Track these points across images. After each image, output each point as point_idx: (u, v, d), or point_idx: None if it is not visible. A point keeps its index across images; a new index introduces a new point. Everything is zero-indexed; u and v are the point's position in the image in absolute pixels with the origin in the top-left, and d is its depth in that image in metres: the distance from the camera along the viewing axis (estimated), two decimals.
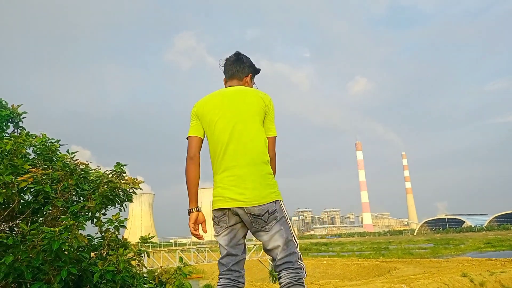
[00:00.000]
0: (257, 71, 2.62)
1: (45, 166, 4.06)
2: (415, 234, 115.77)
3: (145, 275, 3.74)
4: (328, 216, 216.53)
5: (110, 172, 4.17)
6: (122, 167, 4.16)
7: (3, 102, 4.73)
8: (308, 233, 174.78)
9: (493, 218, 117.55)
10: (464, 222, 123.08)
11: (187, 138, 2.34)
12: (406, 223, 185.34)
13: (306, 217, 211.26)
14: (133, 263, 3.73)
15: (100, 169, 4.39)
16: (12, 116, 4.71)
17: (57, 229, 2.90)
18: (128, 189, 4.00)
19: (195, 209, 2.28)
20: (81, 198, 4.15)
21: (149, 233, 3.84)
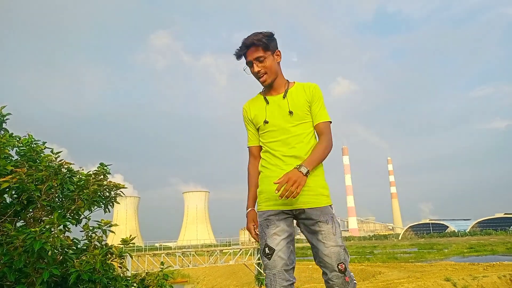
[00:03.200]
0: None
1: (28, 167, 4.00)
2: (399, 238, 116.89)
3: (128, 278, 3.72)
4: None
5: (93, 172, 4.11)
6: (105, 167, 4.11)
7: None
8: (296, 237, 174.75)
9: (476, 223, 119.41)
10: (448, 227, 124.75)
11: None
12: (391, 228, 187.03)
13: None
14: (115, 265, 3.70)
15: (83, 170, 4.33)
16: None
17: (37, 229, 2.87)
18: (113, 189, 3.97)
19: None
20: (65, 199, 4.10)
21: (130, 235, 3.82)
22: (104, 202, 3.95)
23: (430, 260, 42.56)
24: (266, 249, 2.16)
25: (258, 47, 2.21)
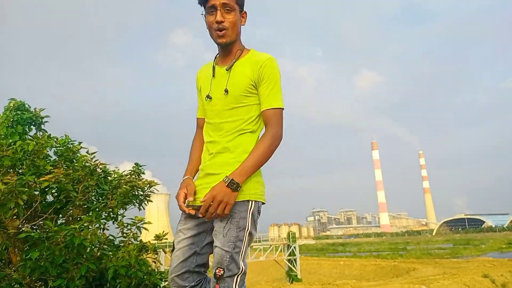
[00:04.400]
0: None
1: (66, 167, 4.19)
2: (433, 234, 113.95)
3: (162, 272, 3.83)
4: (344, 216, 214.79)
5: (128, 172, 4.30)
6: (140, 167, 4.29)
7: (26, 106, 4.88)
8: (324, 234, 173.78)
9: None
10: (484, 222, 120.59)
11: None
12: (424, 223, 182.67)
13: (322, 218, 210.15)
14: (150, 260, 3.82)
15: (118, 169, 4.53)
16: (34, 119, 4.86)
17: (77, 226, 3.00)
18: (146, 188, 4.10)
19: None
20: (101, 198, 4.28)
21: (163, 231, 3.92)
22: (137, 200, 4.12)
23: (467, 256, 41.31)
24: (173, 244, 1.89)
25: None
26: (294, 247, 35.00)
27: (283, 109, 1.84)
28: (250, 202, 1.77)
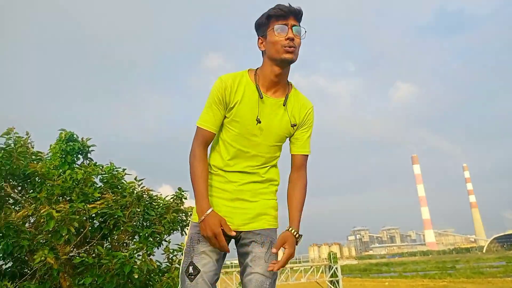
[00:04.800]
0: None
1: (112, 193, 4.34)
2: (484, 251, 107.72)
3: None
4: (387, 235, 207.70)
5: (171, 197, 4.40)
6: (183, 192, 4.39)
7: (75, 136, 5.13)
8: (366, 253, 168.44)
9: None
10: None
11: None
12: (473, 240, 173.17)
13: (363, 236, 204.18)
14: None
15: (161, 195, 4.64)
16: (82, 148, 5.10)
17: (127, 253, 3.07)
18: (189, 213, 4.16)
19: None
20: (147, 223, 4.39)
21: None
22: (180, 225, 4.19)
23: None
24: (190, 268, 1.74)
25: (298, 21, 1.79)
26: (336, 268, 34.06)
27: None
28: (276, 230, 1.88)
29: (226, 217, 1.74)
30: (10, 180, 4.48)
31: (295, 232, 1.77)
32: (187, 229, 4.58)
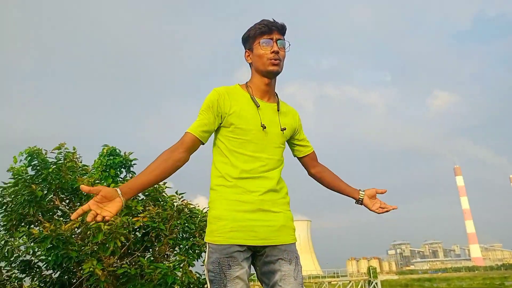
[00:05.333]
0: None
1: (153, 206, 4.47)
2: None
3: None
4: (429, 249, 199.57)
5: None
6: None
7: (117, 150, 5.34)
8: (408, 268, 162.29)
9: None
10: None
11: None
12: None
13: (404, 251, 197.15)
14: None
15: (199, 206, 4.73)
16: (124, 162, 5.30)
17: (171, 264, 3.14)
18: None
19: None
20: (186, 235, 4.48)
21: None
22: None
23: None
24: None
25: (282, 34, 1.91)
26: (376, 283, 33.08)
27: None
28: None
29: (250, 231, 1.71)
30: (59, 193, 4.71)
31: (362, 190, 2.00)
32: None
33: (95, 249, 4.04)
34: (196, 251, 4.03)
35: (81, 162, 5.19)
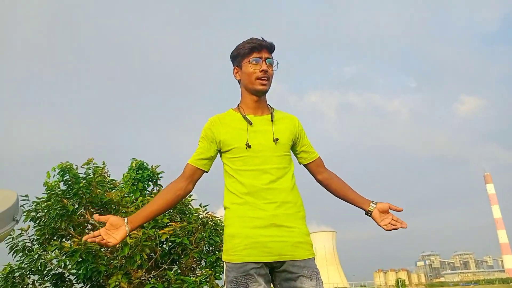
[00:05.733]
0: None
1: (180, 220, 4.53)
2: None
3: None
4: (460, 260, 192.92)
5: None
6: None
7: (145, 164, 5.46)
8: (438, 280, 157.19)
9: None
10: None
11: None
12: None
13: (433, 262, 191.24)
14: None
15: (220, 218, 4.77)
16: (152, 175, 5.40)
17: (198, 279, 3.17)
18: None
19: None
20: (211, 248, 4.51)
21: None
22: None
23: None
24: None
25: (270, 53, 1.96)
26: None
27: None
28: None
29: (263, 247, 1.72)
30: (90, 207, 4.84)
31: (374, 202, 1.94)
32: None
33: (123, 262, 4.12)
34: (221, 264, 4.06)
35: (109, 176, 5.32)
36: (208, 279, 3.29)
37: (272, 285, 1.83)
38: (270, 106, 2.04)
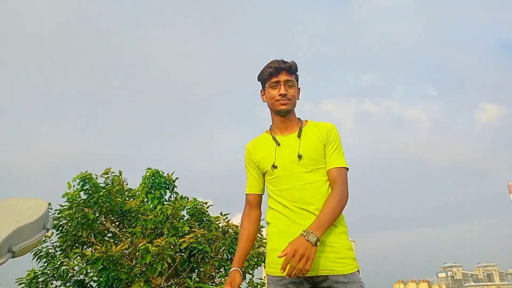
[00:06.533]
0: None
1: (199, 227, 4.57)
2: None
3: None
4: (483, 272, 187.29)
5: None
6: (261, 227, 4.49)
7: (160, 172, 5.55)
8: None
9: None
10: None
11: None
12: None
13: (456, 274, 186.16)
14: None
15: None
16: (167, 183, 5.48)
17: (217, 287, 3.19)
18: None
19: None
20: (231, 256, 4.52)
21: None
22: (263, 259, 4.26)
23: None
24: None
25: (291, 74, 2.04)
26: None
27: (347, 169, 1.99)
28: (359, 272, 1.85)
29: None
30: (110, 215, 4.92)
31: (307, 233, 1.68)
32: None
33: (144, 270, 4.16)
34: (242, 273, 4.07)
35: (127, 185, 5.41)
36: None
37: None
38: (301, 120, 2.10)
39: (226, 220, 4.31)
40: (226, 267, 4.09)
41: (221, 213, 4.43)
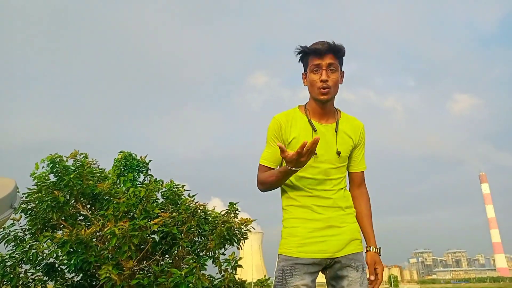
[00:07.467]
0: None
1: (171, 210, 4.57)
2: None
3: None
4: (452, 258, 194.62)
5: (224, 211, 4.58)
6: (234, 205, 4.58)
7: (133, 155, 5.50)
8: (429, 277, 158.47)
9: None
10: None
11: None
12: None
13: (426, 259, 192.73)
14: None
15: (214, 208, 4.83)
16: (141, 165, 5.44)
17: (183, 272, 3.22)
18: (242, 228, 4.28)
19: None
20: (202, 238, 4.56)
21: (264, 275, 4.03)
22: (236, 239, 4.31)
23: None
24: None
25: (336, 57, 1.88)
26: None
27: None
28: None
29: (318, 245, 1.85)
30: (81, 198, 4.86)
31: (376, 250, 1.96)
32: (243, 242, 4.71)
33: (113, 253, 4.14)
34: (209, 253, 4.11)
35: (98, 167, 5.34)
36: (193, 271, 3.33)
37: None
38: (337, 110, 2.02)
39: (195, 202, 4.34)
40: (197, 250, 4.12)
41: (188, 195, 4.46)
